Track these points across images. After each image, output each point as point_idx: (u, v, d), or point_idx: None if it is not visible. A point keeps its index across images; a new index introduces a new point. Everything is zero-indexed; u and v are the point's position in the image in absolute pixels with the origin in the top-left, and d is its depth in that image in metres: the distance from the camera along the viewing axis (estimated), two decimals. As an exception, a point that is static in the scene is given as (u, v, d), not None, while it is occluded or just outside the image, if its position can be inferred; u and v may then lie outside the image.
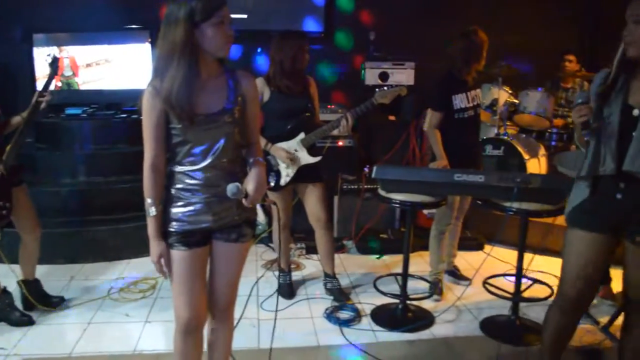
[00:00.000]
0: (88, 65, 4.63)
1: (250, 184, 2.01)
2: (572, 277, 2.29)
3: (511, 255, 3.74)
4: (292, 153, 3.31)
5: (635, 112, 2.08)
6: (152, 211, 1.99)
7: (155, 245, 2.02)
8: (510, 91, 4.94)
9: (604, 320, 3.25)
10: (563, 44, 5.38)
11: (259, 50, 5.24)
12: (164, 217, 2.02)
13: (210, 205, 2.02)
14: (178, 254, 2.04)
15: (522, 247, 3.22)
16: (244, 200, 2.00)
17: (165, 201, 2.03)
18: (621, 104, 2.10)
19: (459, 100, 3.48)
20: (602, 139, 2.13)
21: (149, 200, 1.99)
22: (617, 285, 3.66)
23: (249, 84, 2.08)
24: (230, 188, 1.96)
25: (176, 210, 2.02)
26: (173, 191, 2.03)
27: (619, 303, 3.35)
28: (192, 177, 2.00)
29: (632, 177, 2.10)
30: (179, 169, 2.01)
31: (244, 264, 2.21)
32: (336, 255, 4.25)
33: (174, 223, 2.03)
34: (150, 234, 2.01)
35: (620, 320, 3.18)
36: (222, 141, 1.99)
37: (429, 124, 3.48)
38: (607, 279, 3.60)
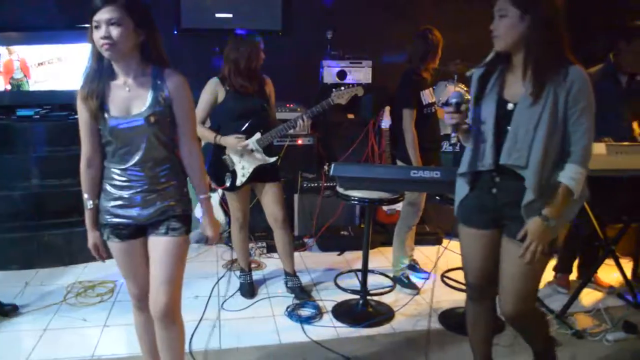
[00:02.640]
0: (40, 64, 4.51)
1: (208, 231, 2.26)
2: (469, 269, 2.37)
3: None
4: (242, 140, 3.28)
5: (510, 106, 2.10)
6: (88, 204, 2.15)
7: (90, 236, 2.19)
8: (465, 88, 5.03)
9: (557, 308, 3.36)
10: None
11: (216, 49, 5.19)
12: (100, 210, 2.16)
13: (137, 200, 2.10)
14: (113, 245, 2.19)
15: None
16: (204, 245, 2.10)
17: (100, 195, 2.15)
18: (496, 99, 2.13)
19: (426, 96, 3.57)
20: (480, 135, 2.16)
21: (85, 195, 2.15)
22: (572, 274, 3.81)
23: (175, 82, 2.07)
24: (195, 235, 2.06)
25: (107, 203, 2.13)
26: (106, 186, 2.13)
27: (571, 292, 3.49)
28: (120, 174, 2.09)
29: (507, 171, 2.12)
30: (109, 165, 2.12)
31: (182, 262, 2.18)
32: (297, 253, 4.29)
33: (106, 216, 2.15)
34: (87, 225, 2.18)
35: (572, 308, 3.34)
36: (145, 142, 2.05)
37: (407, 124, 3.52)
38: (569, 269, 3.74)
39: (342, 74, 4.98)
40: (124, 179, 2.09)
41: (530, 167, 2.05)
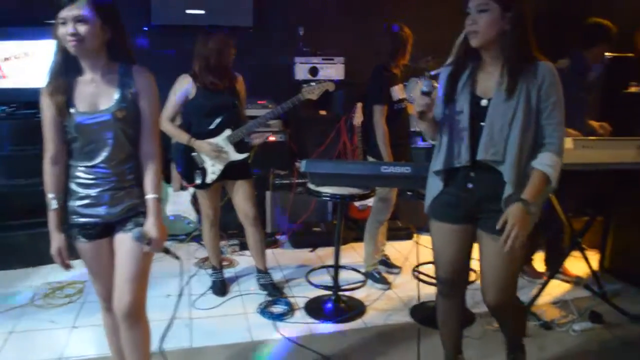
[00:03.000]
0: (6, 59, 4.41)
1: (152, 231, 2.05)
2: (441, 263, 2.38)
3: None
4: (217, 147, 3.28)
5: (484, 102, 2.12)
6: (52, 205, 2.07)
7: (54, 239, 2.10)
8: (436, 85, 5.06)
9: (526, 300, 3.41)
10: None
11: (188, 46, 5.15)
12: (66, 211, 2.10)
13: (104, 198, 2.06)
14: (80, 246, 2.15)
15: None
16: (145, 247, 2.04)
17: (66, 194, 2.09)
18: (469, 96, 2.15)
19: (396, 92, 3.59)
20: (453, 132, 2.18)
21: (49, 195, 2.08)
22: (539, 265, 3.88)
23: (143, 80, 2.06)
24: (135, 233, 2.03)
25: (73, 203, 2.09)
26: (72, 185, 2.09)
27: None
28: (86, 172, 2.06)
29: (482, 166, 2.15)
30: (75, 163, 2.07)
31: (149, 260, 2.16)
32: (270, 250, 4.28)
33: (73, 216, 2.10)
34: (50, 228, 2.09)
35: (540, 300, 3.39)
36: (112, 139, 2.03)
37: (378, 120, 3.54)
38: (528, 259, 3.82)
39: (314, 71, 4.98)
40: (90, 176, 2.06)
41: (507, 162, 2.08)
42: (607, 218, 3.99)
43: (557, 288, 3.71)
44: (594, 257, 4.06)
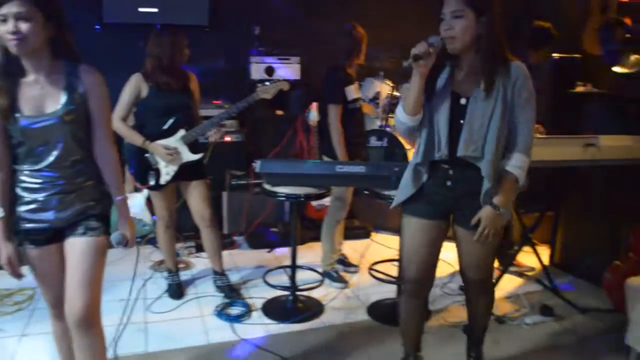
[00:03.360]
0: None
1: (126, 231, 2.12)
2: (411, 262, 2.40)
3: (395, 240, 3.89)
4: (171, 150, 3.24)
5: (463, 100, 2.19)
6: None
7: (3, 248, 2.01)
8: (391, 84, 5.13)
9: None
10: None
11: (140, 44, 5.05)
12: (13, 217, 2.01)
13: (52, 202, 2.00)
14: (29, 252, 2.07)
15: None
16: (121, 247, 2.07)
17: (13, 201, 2.01)
18: (450, 94, 2.20)
19: (351, 92, 3.60)
20: (434, 128, 2.24)
21: None
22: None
23: (91, 80, 1.99)
24: (115, 238, 2.04)
25: (20, 209, 2.02)
26: (18, 190, 2.01)
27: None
28: (34, 177, 1.98)
29: (460, 163, 2.22)
30: (20, 167, 1.99)
31: (101, 264, 2.09)
32: (227, 252, 4.25)
33: (20, 222, 2.02)
34: None
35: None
36: (61, 142, 1.96)
37: (332, 119, 3.55)
38: None
39: (270, 70, 4.96)
40: (37, 180, 1.98)
41: (485, 158, 2.16)
42: (556, 214, 4.12)
43: (509, 283, 3.81)
44: (545, 252, 4.18)
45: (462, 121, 2.18)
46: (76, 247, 2.04)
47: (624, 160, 3.32)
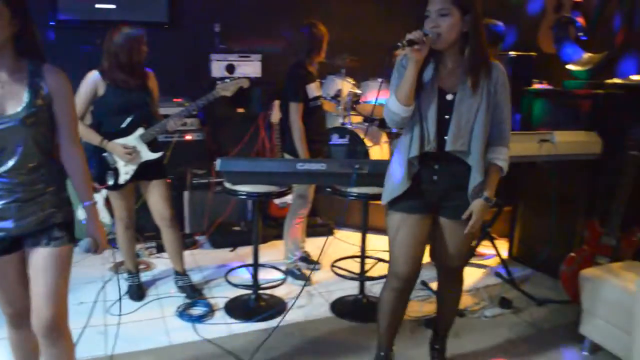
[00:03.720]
0: None
1: (97, 237, 2.04)
2: (401, 258, 2.43)
3: (357, 237, 3.92)
4: (130, 149, 3.18)
5: (449, 96, 2.24)
6: None
7: None
8: (353, 82, 5.15)
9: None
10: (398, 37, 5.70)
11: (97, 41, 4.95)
12: None
13: (11, 210, 1.89)
14: None
15: (364, 229, 3.40)
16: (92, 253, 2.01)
17: None
18: (436, 90, 2.25)
19: (312, 90, 3.61)
20: (422, 123, 2.27)
21: None
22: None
23: (56, 80, 1.90)
24: (83, 247, 1.99)
25: None
26: None
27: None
28: None
29: (446, 158, 2.28)
30: None
31: (67, 272, 2.03)
32: (189, 252, 4.21)
33: None
34: None
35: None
36: (21, 146, 1.86)
37: (294, 117, 3.54)
38: None
39: (231, 68, 4.93)
40: None
41: (473, 153, 2.24)
42: (514, 208, 4.21)
43: (470, 277, 3.87)
44: (504, 246, 4.27)
45: (447, 117, 2.23)
46: (40, 258, 1.95)
47: (577, 155, 3.43)
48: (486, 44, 2.22)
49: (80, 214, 2.15)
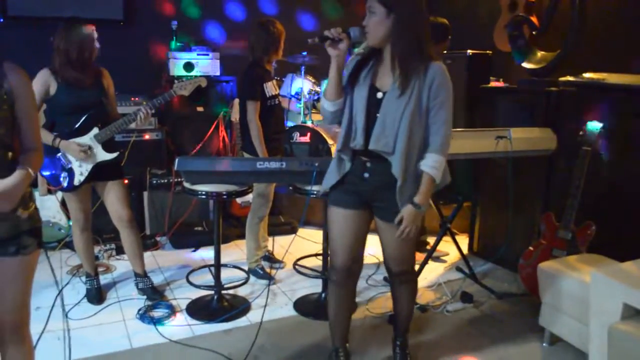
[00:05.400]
0: None
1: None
2: (338, 250, 2.47)
3: (320, 235, 3.91)
4: (85, 147, 3.10)
5: (380, 95, 2.26)
6: None
7: None
8: (313, 80, 5.15)
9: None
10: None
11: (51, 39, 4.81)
12: None
13: None
14: None
15: (326, 227, 3.39)
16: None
17: None
18: (369, 87, 2.27)
19: (269, 89, 3.58)
20: (352, 118, 2.30)
21: None
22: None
23: (17, 78, 1.82)
24: None
25: None
26: None
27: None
28: None
29: (377, 156, 2.29)
30: None
31: (32, 277, 1.98)
32: (149, 253, 4.15)
33: None
34: None
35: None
36: None
37: (251, 116, 3.51)
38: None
39: (189, 66, 4.86)
40: None
41: (396, 154, 2.22)
42: (474, 204, 4.28)
43: (431, 272, 3.93)
44: (464, 241, 4.34)
45: (377, 115, 2.24)
46: (8, 269, 1.87)
47: (532, 151, 3.50)
48: (425, 43, 2.20)
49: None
